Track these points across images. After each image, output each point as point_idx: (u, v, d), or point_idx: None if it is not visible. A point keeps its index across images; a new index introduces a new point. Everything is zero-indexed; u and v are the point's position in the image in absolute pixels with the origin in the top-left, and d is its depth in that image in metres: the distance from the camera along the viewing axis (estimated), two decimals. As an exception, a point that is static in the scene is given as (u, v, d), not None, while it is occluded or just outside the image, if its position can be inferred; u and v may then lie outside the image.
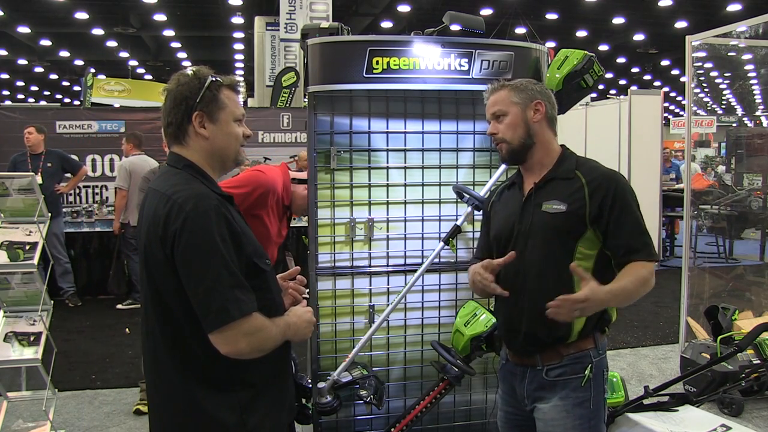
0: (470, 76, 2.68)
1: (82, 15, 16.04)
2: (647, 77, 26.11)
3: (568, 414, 1.91)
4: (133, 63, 22.25)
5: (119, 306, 6.50)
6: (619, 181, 1.93)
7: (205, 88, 1.63)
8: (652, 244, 1.90)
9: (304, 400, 2.44)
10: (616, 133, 8.61)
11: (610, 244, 1.89)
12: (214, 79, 1.65)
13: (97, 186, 7.60)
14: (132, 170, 6.08)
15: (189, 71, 1.67)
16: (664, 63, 23.42)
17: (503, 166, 2.58)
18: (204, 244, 1.50)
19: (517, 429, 2.08)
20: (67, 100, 28.47)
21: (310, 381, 2.61)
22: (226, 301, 1.49)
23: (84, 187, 7.47)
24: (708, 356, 4.01)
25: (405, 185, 2.83)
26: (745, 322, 4.35)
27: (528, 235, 1.95)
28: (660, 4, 15.41)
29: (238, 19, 16.77)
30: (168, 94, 1.66)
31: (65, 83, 26.43)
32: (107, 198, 7.50)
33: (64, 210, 6.89)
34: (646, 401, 3.22)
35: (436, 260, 2.67)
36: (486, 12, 15.24)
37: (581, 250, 1.90)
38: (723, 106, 16.28)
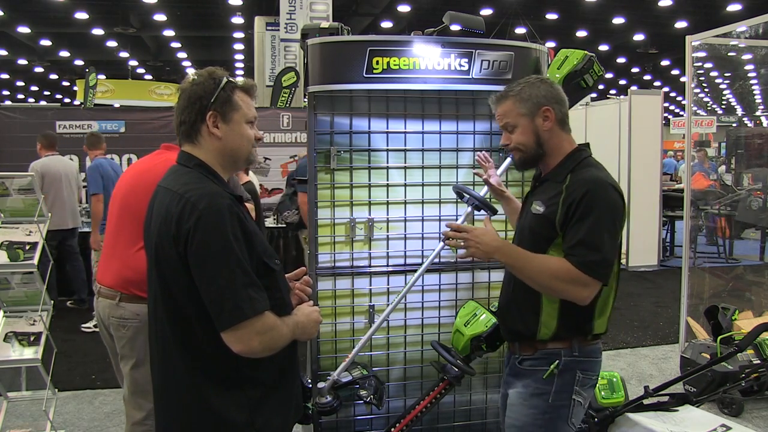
0: (470, 76, 2.68)
1: (82, 15, 16.04)
2: (647, 77, 26.12)
3: (524, 401, 1.98)
4: (133, 63, 22.26)
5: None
6: (594, 189, 1.84)
7: (220, 89, 1.63)
8: (597, 260, 1.80)
9: (304, 401, 2.44)
10: (616, 133, 8.63)
11: (563, 245, 1.86)
12: (228, 80, 1.65)
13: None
14: (44, 172, 5.76)
15: (204, 71, 1.67)
16: (664, 63, 23.41)
17: (503, 166, 2.58)
18: (218, 243, 1.50)
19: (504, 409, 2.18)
20: (67, 100, 28.45)
21: (310, 381, 2.61)
22: (239, 299, 1.49)
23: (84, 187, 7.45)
24: (708, 356, 4.01)
25: (405, 185, 2.83)
26: (745, 322, 4.35)
27: (521, 231, 2.06)
28: (660, 4, 15.42)
29: (238, 19, 16.78)
30: (182, 93, 1.66)
31: (65, 83, 26.43)
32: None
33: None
34: (646, 401, 3.22)
35: (436, 260, 2.66)
36: (486, 12, 15.24)
37: (552, 255, 1.90)
38: (723, 106, 16.28)
